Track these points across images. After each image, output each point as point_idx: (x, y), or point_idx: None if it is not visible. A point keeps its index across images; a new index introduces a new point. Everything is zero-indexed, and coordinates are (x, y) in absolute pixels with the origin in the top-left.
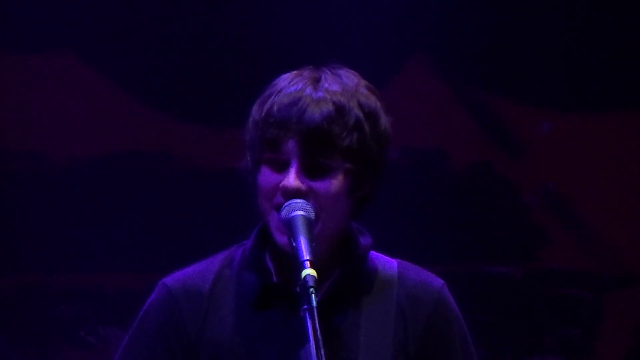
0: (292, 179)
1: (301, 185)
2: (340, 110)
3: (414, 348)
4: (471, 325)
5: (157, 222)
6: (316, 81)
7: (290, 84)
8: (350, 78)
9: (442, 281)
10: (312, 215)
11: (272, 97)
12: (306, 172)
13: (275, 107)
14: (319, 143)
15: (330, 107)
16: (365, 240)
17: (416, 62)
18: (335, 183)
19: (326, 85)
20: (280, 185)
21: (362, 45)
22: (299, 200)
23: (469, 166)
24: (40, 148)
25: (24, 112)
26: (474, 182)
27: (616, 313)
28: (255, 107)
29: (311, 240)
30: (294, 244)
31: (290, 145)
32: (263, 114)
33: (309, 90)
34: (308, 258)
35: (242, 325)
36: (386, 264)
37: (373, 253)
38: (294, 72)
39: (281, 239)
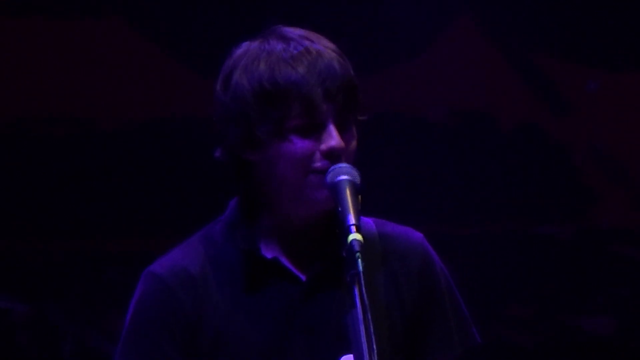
0: (338, 138)
1: (343, 143)
2: (345, 62)
3: (409, 305)
4: (521, 284)
5: (206, 187)
6: (309, 39)
7: (285, 47)
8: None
9: (421, 234)
10: (358, 179)
11: (271, 62)
12: (339, 129)
13: (294, 72)
14: (347, 98)
15: (341, 60)
16: None
17: (462, 22)
18: (355, 137)
19: (318, 40)
20: (326, 147)
21: (409, 4)
22: (343, 165)
23: (517, 127)
24: (88, 115)
25: (73, 78)
26: (522, 143)
27: None
28: (239, 81)
29: (357, 205)
30: (340, 209)
31: (325, 106)
32: (274, 81)
33: (315, 46)
34: (354, 223)
35: (238, 306)
36: (365, 223)
37: None
38: (262, 38)
39: (320, 195)
